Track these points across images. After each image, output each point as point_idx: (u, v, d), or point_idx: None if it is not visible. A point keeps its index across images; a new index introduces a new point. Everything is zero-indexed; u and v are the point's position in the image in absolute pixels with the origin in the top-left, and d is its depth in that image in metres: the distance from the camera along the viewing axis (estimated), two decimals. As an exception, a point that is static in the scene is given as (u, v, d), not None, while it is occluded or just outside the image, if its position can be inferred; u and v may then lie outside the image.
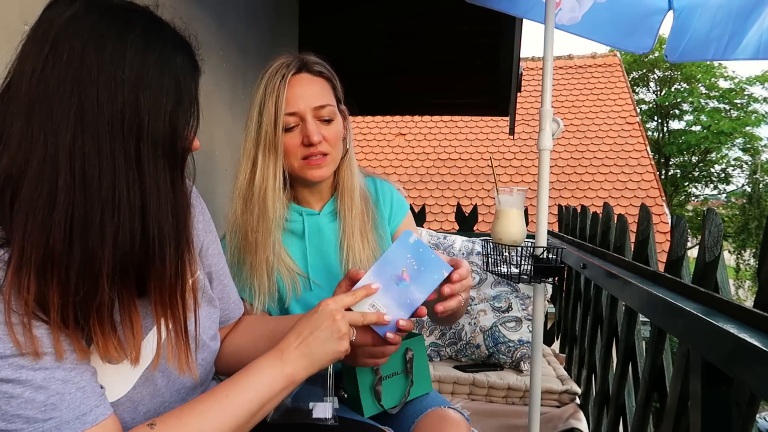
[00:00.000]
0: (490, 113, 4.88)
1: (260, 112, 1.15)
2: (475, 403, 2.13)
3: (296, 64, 1.17)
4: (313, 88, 1.17)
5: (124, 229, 0.62)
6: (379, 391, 1.11)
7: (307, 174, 1.17)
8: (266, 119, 1.14)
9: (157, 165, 0.65)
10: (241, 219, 1.17)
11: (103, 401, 0.68)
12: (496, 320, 2.27)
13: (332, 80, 1.22)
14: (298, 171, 1.17)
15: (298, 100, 1.14)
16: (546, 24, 1.56)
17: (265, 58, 2.61)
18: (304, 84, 1.16)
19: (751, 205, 14.40)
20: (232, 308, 1.01)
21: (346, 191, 1.23)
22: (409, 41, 3.61)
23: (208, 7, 1.87)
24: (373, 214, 1.26)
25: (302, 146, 1.15)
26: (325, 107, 1.16)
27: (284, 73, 1.15)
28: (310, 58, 1.20)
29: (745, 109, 15.08)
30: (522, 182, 8.88)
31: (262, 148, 1.15)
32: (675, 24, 2.12)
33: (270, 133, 1.13)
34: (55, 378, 0.63)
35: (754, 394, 0.98)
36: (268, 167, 1.15)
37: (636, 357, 1.68)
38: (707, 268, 1.23)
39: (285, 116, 1.13)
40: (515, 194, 1.36)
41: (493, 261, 1.43)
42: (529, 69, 10.85)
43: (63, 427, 0.63)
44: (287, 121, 1.14)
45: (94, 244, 0.60)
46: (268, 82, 1.16)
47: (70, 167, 0.59)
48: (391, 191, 1.33)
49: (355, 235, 1.21)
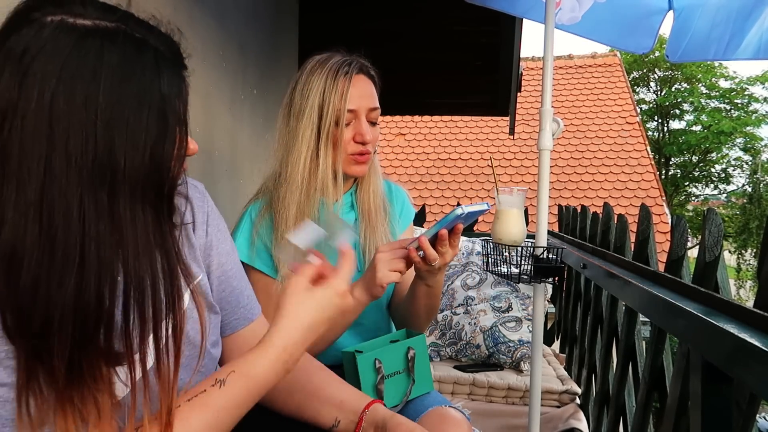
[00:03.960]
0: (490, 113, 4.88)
1: (321, 104, 1.19)
2: (475, 403, 2.13)
3: (357, 65, 1.23)
4: (370, 89, 1.24)
5: (88, 289, 0.58)
6: (381, 390, 1.11)
7: (350, 169, 1.22)
8: (330, 112, 1.18)
9: (135, 210, 0.61)
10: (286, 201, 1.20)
11: None
12: (496, 320, 2.27)
13: (378, 86, 1.29)
14: (343, 164, 1.22)
15: (358, 98, 1.20)
16: (546, 24, 1.56)
17: (265, 58, 2.62)
18: (364, 85, 1.23)
19: (752, 205, 14.40)
20: (241, 312, 0.94)
21: (370, 186, 1.29)
22: (409, 41, 3.61)
23: (208, 7, 1.87)
24: (387, 213, 1.33)
25: (353, 142, 1.21)
26: (376, 110, 1.24)
27: (347, 71, 1.20)
28: (363, 61, 1.26)
29: (745, 109, 15.08)
30: (522, 182, 8.88)
31: (324, 139, 1.19)
32: (675, 24, 2.12)
33: (330, 125, 1.19)
34: None
35: (754, 394, 0.98)
36: (327, 157, 1.20)
37: (636, 357, 1.68)
38: (707, 268, 1.23)
39: (347, 112, 1.19)
40: (515, 194, 1.36)
41: (493, 261, 1.43)
42: (529, 69, 10.84)
43: None
44: (347, 116, 1.20)
45: (52, 307, 0.57)
46: (329, 76, 1.20)
47: (39, 225, 0.56)
48: (403, 196, 1.41)
49: (376, 229, 1.28)
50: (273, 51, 2.69)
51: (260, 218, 1.22)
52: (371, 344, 1.19)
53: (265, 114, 2.52)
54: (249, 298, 0.96)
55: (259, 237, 1.21)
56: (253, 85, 2.37)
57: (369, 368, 1.11)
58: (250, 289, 0.98)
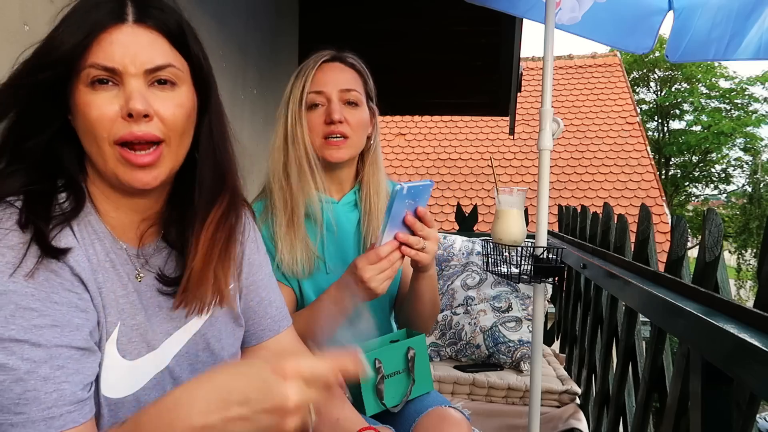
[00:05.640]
0: (490, 113, 4.89)
1: (289, 93, 1.20)
2: (475, 403, 2.13)
3: (331, 53, 1.23)
4: (343, 74, 1.22)
5: None
6: (381, 390, 1.11)
7: (326, 153, 1.20)
8: (293, 98, 1.19)
9: None
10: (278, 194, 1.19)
11: (80, 407, 0.65)
12: (496, 320, 2.27)
13: (364, 75, 1.26)
14: (319, 150, 1.20)
15: (327, 82, 1.19)
16: (546, 24, 1.56)
17: (265, 58, 2.62)
18: (335, 70, 1.21)
19: (752, 205, 14.40)
20: (268, 323, 0.95)
21: (371, 187, 1.27)
22: (409, 41, 3.62)
23: (208, 7, 1.87)
24: None
25: (324, 125, 1.19)
26: (351, 91, 1.20)
27: (317, 59, 1.21)
28: (346, 52, 1.25)
29: (745, 109, 15.08)
30: (522, 182, 8.88)
31: (291, 125, 1.19)
32: (675, 24, 2.12)
33: (295, 110, 1.18)
34: (38, 374, 0.62)
35: (754, 394, 0.98)
36: (298, 142, 1.18)
37: (636, 357, 1.68)
38: (707, 268, 1.23)
39: (310, 94, 1.18)
40: (515, 194, 1.36)
41: (493, 261, 1.43)
42: (529, 69, 10.84)
43: (29, 425, 0.62)
44: (312, 98, 1.19)
45: None
46: (300, 69, 1.21)
47: None
48: None
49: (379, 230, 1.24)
50: (273, 51, 2.69)
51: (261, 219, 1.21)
52: (371, 344, 1.18)
53: (265, 114, 2.52)
54: (278, 310, 0.97)
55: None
56: (253, 85, 2.37)
57: (369, 368, 1.11)
58: (282, 302, 0.98)
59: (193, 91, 0.77)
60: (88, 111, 0.69)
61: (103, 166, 0.71)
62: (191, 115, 0.76)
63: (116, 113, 0.69)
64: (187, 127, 0.75)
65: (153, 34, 0.72)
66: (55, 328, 0.65)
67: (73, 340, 0.66)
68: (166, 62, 0.72)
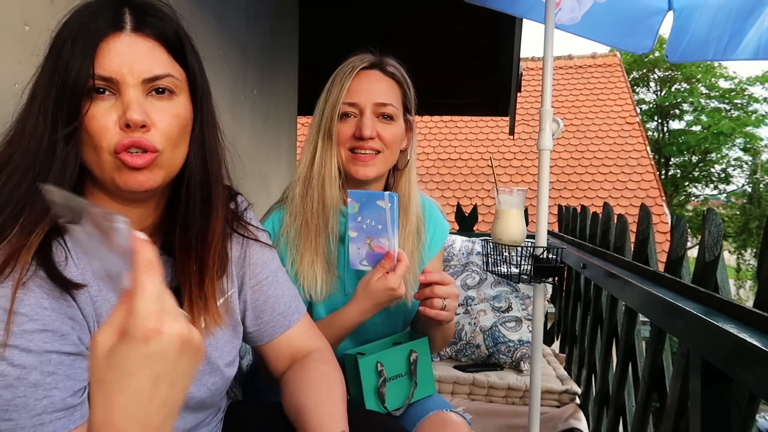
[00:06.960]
0: (490, 113, 4.89)
1: (325, 99, 1.16)
2: (475, 403, 2.13)
3: (370, 60, 1.18)
4: (380, 85, 1.17)
5: None
6: (383, 393, 1.11)
7: (352, 169, 1.15)
8: (328, 105, 1.15)
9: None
10: (300, 205, 1.16)
11: (70, 414, 0.65)
12: (496, 320, 2.27)
13: (403, 85, 1.22)
14: (345, 163, 1.15)
15: (361, 92, 1.14)
16: (546, 24, 1.56)
17: (266, 58, 2.62)
18: (372, 79, 1.16)
19: (752, 205, 14.40)
20: (278, 320, 0.94)
21: (407, 208, 1.21)
22: (409, 41, 3.61)
23: (208, 7, 1.87)
24: (422, 237, 1.26)
25: (353, 138, 1.14)
26: (387, 106, 1.16)
27: (355, 65, 1.16)
28: (387, 59, 1.20)
29: (745, 109, 15.08)
30: (522, 182, 8.88)
31: (321, 134, 1.15)
32: (675, 24, 2.12)
33: (327, 119, 1.14)
34: (28, 380, 0.62)
35: (753, 394, 0.98)
36: (326, 153, 1.14)
37: (636, 357, 1.68)
38: (707, 268, 1.23)
39: (344, 104, 1.14)
40: (515, 194, 1.36)
41: (493, 261, 1.43)
42: (529, 69, 10.84)
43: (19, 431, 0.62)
44: (345, 109, 1.14)
45: None
46: (338, 72, 1.17)
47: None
48: (437, 217, 1.33)
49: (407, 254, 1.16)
50: (273, 51, 2.69)
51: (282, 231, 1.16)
52: (373, 347, 1.18)
53: (265, 114, 2.52)
54: (287, 305, 0.96)
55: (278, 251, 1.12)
56: (253, 85, 2.37)
57: (371, 371, 1.10)
58: (291, 296, 0.98)
59: (189, 100, 0.76)
60: (90, 123, 0.68)
61: (101, 173, 0.71)
62: (187, 125, 0.76)
63: (114, 123, 0.69)
64: (182, 137, 0.75)
65: (151, 43, 0.71)
66: (45, 332, 0.64)
67: (64, 345, 0.66)
68: (165, 72, 0.71)
